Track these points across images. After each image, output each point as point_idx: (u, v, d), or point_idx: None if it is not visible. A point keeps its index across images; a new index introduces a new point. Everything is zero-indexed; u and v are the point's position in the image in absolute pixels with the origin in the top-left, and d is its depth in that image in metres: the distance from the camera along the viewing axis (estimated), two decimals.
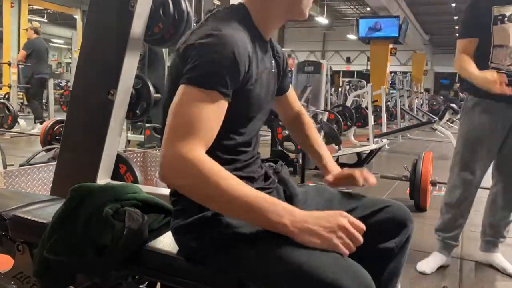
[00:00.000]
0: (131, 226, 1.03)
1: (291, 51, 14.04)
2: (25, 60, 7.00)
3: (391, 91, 12.42)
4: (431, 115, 11.45)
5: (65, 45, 23.60)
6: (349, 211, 1.11)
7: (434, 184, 3.54)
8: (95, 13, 2.30)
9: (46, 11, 18.38)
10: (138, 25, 2.18)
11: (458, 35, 2.28)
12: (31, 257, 1.21)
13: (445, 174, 2.52)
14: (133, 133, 4.83)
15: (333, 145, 5.35)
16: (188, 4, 2.52)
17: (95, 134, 2.22)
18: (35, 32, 7.18)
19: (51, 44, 24.11)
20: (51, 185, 2.35)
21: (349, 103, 7.38)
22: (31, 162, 3.48)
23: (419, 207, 3.44)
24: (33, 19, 14.81)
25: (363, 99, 8.31)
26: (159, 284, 1.26)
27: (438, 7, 16.86)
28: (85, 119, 2.28)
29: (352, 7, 19.85)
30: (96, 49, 2.27)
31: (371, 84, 7.45)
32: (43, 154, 3.80)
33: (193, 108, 0.92)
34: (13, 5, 11.16)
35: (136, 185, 1.27)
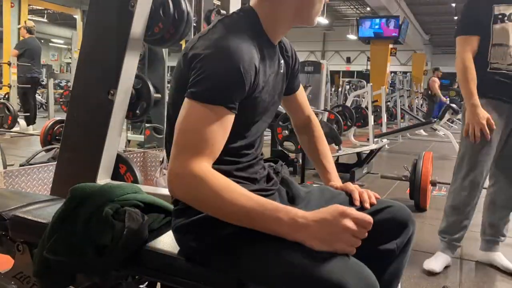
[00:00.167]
0: (131, 226, 1.03)
1: None
2: (18, 59, 6.97)
3: (391, 92, 12.41)
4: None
5: (65, 45, 23.59)
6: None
7: (434, 184, 3.54)
8: (95, 13, 2.30)
9: (46, 11, 18.36)
10: (138, 25, 2.18)
11: (457, 31, 2.25)
12: (31, 257, 1.22)
13: (445, 174, 2.52)
14: (133, 133, 4.82)
15: (333, 145, 5.35)
16: (188, 4, 2.52)
17: (95, 134, 2.22)
18: (28, 31, 7.14)
19: (51, 44, 24.16)
20: (51, 185, 2.35)
21: (349, 103, 7.37)
22: (31, 162, 3.48)
23: (419, 207, 3.45)
24: (33, 19, 14.83)
25: (363, 99, 8.31)
26: (159, 284, 1.26)
27: (438, 7, 16.85)
28: (85, 119, 2.28)
29: (352, 7, 19.82)
30: (96, 49, 2.28)
31: (371, 84, 7.44)
32: (43, 154, 3.80)
33: (200, 124, 0.92)
34: (13, 5, 11.14)
35: (136, 185, 1.27)
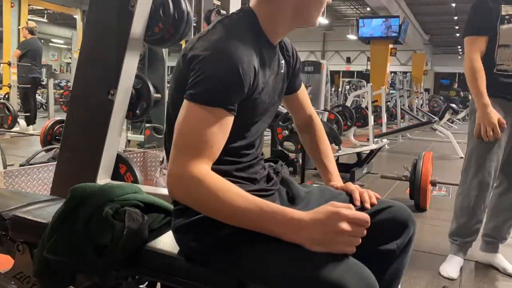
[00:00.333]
0: (131, 226, 1.03)
1: None
2: (19, 59, 6.98)
3: (391, 91, 12.42)
4: (431, 115, 11.46)
5: (65, 45, 23.60)
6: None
7: (434, 184, 3.55)
8: (95, 13, 2.30)
9: (46, 11, 18.36)
10: (138, 25, 2.18)
11: (465, 32, 2.21)
12: (31, 257, 1.21)
13: (445, 174, 2.52)
14: (133, 133, 4.82)
15: (333, 145, 5.35)
16: (188, 4, 2.52)
17: (95, 134, 2.22)
18: (30, 32, 7.15)
19: (51, 44, 24.15)
20: (51, 185, 2.35)
21: (349, 103, 7.37)
22: (31, 162, 3.48)
23: (419, 207, 3.45)
24: (33, 19, 14.83)
25: (363, 99, 8.31)
26: (159, 284, 1.26)
27: (438, 7, 16.85)
28: (85, 119, 2.28)
29: (352, 7, 19.83)
30: (96, 49, 2.28)
31: (371, 84, 7.45)
32: (43, 154, 3.80)
33: (199, 126, 0.92)
34: (13, 5, 11.15)
35: (136, 185, 1.26)
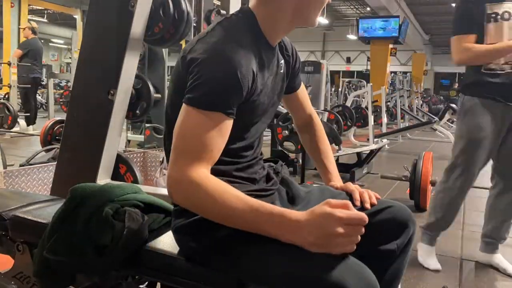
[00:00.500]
0: (131, 226, 1.03)
1: None
2: (20, 59, 6.98)
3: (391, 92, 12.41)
4: (431, 115, 11.46)
5: (65, 45, 23.59)
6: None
7: (434, 184, 3.54)
8: (95, 13, 2.30)
9: (46, 11, 18.36)
10: (138, 25, 2.18)
11: (453, 32, 2.22)
12: (31, 257, 1.21)
13: None
14: (133, 133, 4.82)
15: (333, 145, 5.35)
16: (188, 4, 2.52)
17: (95, 134, 2.22)
18: (33, 32, 7.16)
19: (51, 44, 24.15)
20: (51, 185, 2.35)
21: (349, 103, 7.37)
22: (31, 162, 3.48)
23: (419, 207, 3.45)
24: (33, 19, 14.82)
25: (363, 99, 8.31)
26: (159, 284, 1.26)
27: (438, 7, 16.84)
28: (85, 119, 2.28)
29: (352, 7, 19.82)
30: (96, 49, 2.27)
31: (371, 84, 7.45)
32: (43, 154, 3.80)
33: (198, 130, 0.92)
34: (13, 5, 11.15)
35: (136, 185, 1.27)
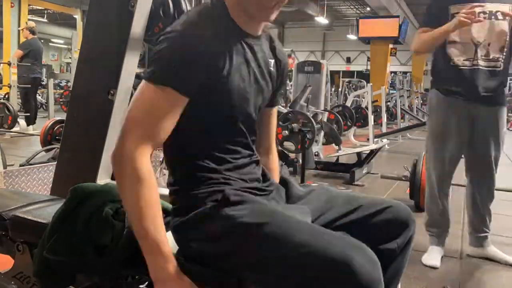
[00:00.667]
0: (131, 226, 1.03)
1: (291, 51, 14.03)
2: (21, 60, 6.98)
3: (391, 91, 12.42)
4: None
5: (65, 45, 23.58)
6: (350, 212, 1.11)
7: None
8: (95, 13, 2.30)
9: (46, 11, 18.36)
10: (138, 25, 2.18)
11: (420, 25, 2.45)
12: (31, 257, 1.21)
13: None
14: None
15: (333, 145, 5.35)
16: (188, 4, 2.52)
17: (95, 134, 2.22)
18: (31, 32, 7.16)
19: (51, 44, 24.15)
20: (51, 185, 2.35)
21: (349, 103, 7.38)
22: (31, 162, 3.48)
23: (419, 207, 3.44)
24: (33, 19, 14.82)
25: (363, 99, 8.31)
26: None
27: None
28: (85, 119, 2.27)
29: (352, 7, 19.83)
30: (96, 49, 2.27)
31: (371, 84, 7.45)
32: (43, 154, 3.80)
33: (147, 105, 0.94)
34: (13, 5, 11.16)
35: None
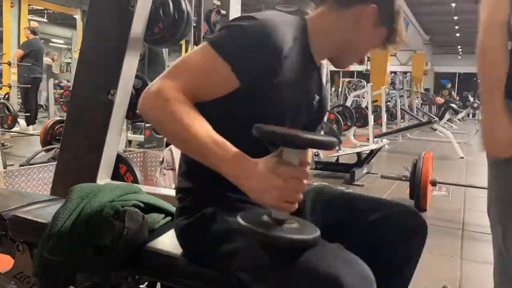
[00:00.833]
0: (131, 226, 1.03)
1: None
2: (21, 59, 6.99)
3: (391, 91, 12.41)
4: (431, 115, 11.46)
5: (65, 45, 23.57)
6: (351, 215, 1.09)
7: (434, 184, 3.54)
8: (95, 13, 2.30)
9: (46, 11, 18.34)
10: (138, 25, 2.18)
11: None
12: (31, 257, 1.22)
13: (445, 174, 2.53)
14: (133, 133, 4.82)
15: None
16: (188, 4, 2.52)
17: (95, 134, 2.22)
18: (32, 32, 7.16)
19: (51, 44, 24.14)
20: (51, 185, 2.35)
21: (349, 103, 7.38)
22: (31, 162, 3.48)
23: (419, 207, 3.44)
24: (33, 19, 14.80)
25: (363, 99, 8.31)
26: (159, 284, 1.26)
27: (438, 7, 16.84)
28: (85, 119, 2.28)
29: None
30: (96, 49, 2.27)
31: (371, 84, 7.45)
32: (43, 154, 3.80)
33: (197, 60, 0.96)
34: (13, 5, 11.16)
35: (136, 185, 1.27)
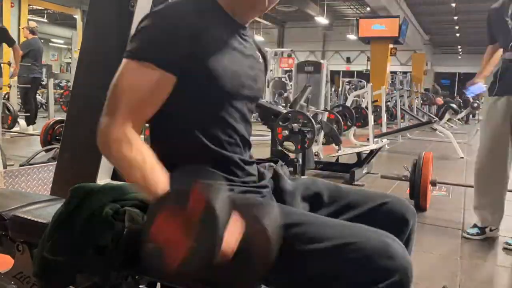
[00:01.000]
0: (131, 226, 1.03)
1: (291, 51, 14.06)
2: (21, 59, 6.98)
3: (393, 92, 12.41)
4: (431, 115, 11.46)
5: (65, 45, 23.58)
6: (342, 208, 1.10)
7: (434, 184, 3.54)
8: (95, 13, 2.30)
9: (46, 11, 18.36)
10: None
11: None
12: (31, 257, 1.21)
13: (445, 174, 2.53)
14: None
15: (333, 145, 5.35)
16: None
17: (95, 134, 2.22)
18: (31, 32, 7.16)
19: (51, 44, 24.15)
20: (51, 185, 2.35)
21: (349, 103, 7.37)
22: (31, 162, 3.48)
23: (419, 207, 3.44)
24: (33, 19, 14.82)
25: (363, 99, 8.31)
26: (159, 284, 1.26)
27: (438, 7, 16.85)
28: (85, 119, 2.27)
29: (352, 7, 19.83)
30: (96, 49, 2.27)
31: (371, 84, 7.45)
32: (43, 154, 3.80)
33: (124, 81, 0.94)
34: (13, 5, 11.17)
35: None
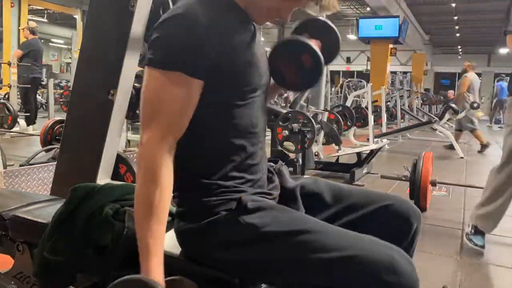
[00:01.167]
0: (131, 226, 1.03)
1: None
2: (21, 59, 6.99)
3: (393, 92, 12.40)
4: (431, 115, 11.45)
5: (65, 45, 23.56)
6: (345, 209, 1.09)
7: (434, 184, 3.54)
8: (95, 13, 2.30)
9: (46, 11, 18.34)
10: (138, 25, 2.18)
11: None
12: (31, 257, 1.21)
13: (445, 174, 2.52)
14: (133, 133, 4.83)
15: (333, 145, 5.35)
16: None
17: (95, 134, 2.22)
18: (31, 32, 7.16)
19: (51, 44, 24.14)
20: (51, 185, 2.35)
21: (349, 103, 7.36)
22: (31, 162, 3.48)
23: (419, 207, 3.44)
24: (33, 19, 14.81)
25: (363, 99, 8.30)
26: None
27: (438, 7, 16.83)
28: (85, 119, 2.28)
29: (352, 7, 19.82)
30: (96, 49, 2.27)
31: (371, 84, 7.44)
32: (43, 154, 3.80)
33: (161, 93, 0.91)
34: (13, 5, 11.17)
35: (136, 185, 1.26)
